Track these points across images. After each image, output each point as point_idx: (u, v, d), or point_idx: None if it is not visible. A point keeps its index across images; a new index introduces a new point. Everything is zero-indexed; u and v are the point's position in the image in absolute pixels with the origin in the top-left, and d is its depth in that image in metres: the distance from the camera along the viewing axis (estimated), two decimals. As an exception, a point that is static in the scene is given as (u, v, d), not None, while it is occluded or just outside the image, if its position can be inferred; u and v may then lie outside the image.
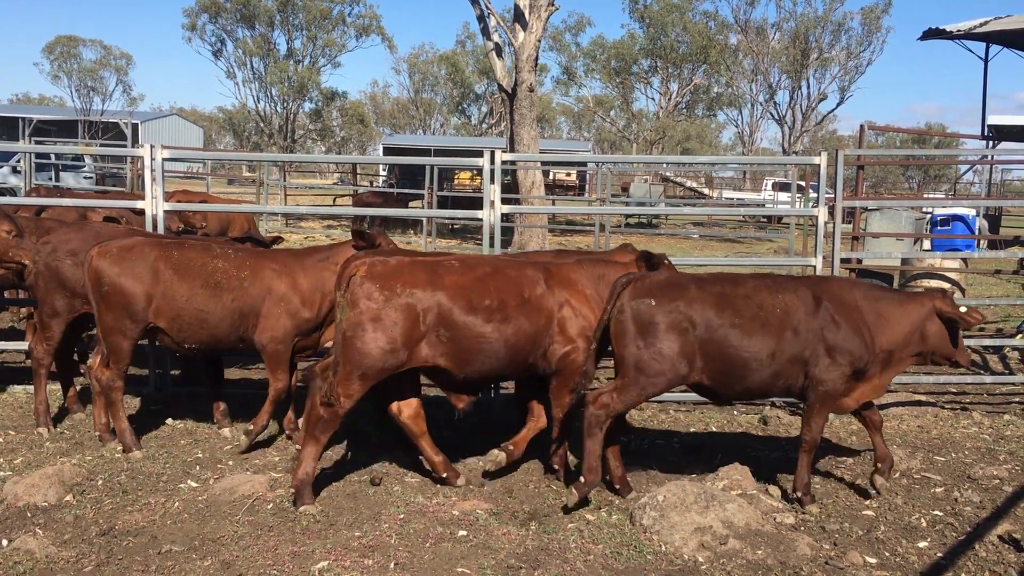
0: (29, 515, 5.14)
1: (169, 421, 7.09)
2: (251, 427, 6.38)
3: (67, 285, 6.72)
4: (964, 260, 11.46)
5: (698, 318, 5.24)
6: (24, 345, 8.55)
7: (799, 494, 5.56)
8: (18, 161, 22.87)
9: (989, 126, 22.67)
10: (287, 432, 6.69)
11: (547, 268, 5.82)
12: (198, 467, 6.04)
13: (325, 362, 5.60)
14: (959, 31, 21.58)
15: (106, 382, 6.22)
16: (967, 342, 9.19)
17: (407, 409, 5.77)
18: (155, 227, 7.84)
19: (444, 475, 5.78)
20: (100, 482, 5.66)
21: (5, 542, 4.73)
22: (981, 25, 21.14)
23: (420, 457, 5.93)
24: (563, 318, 5.62)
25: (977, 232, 14.23)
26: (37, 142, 25.75)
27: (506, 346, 5.47)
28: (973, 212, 14.38)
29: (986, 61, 23.81)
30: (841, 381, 5.37)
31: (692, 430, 7.30)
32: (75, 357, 7.84)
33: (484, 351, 5.45)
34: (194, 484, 5.71)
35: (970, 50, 23.99)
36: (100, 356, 6.36)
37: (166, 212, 7.91)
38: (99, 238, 6.77)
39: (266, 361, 6.43)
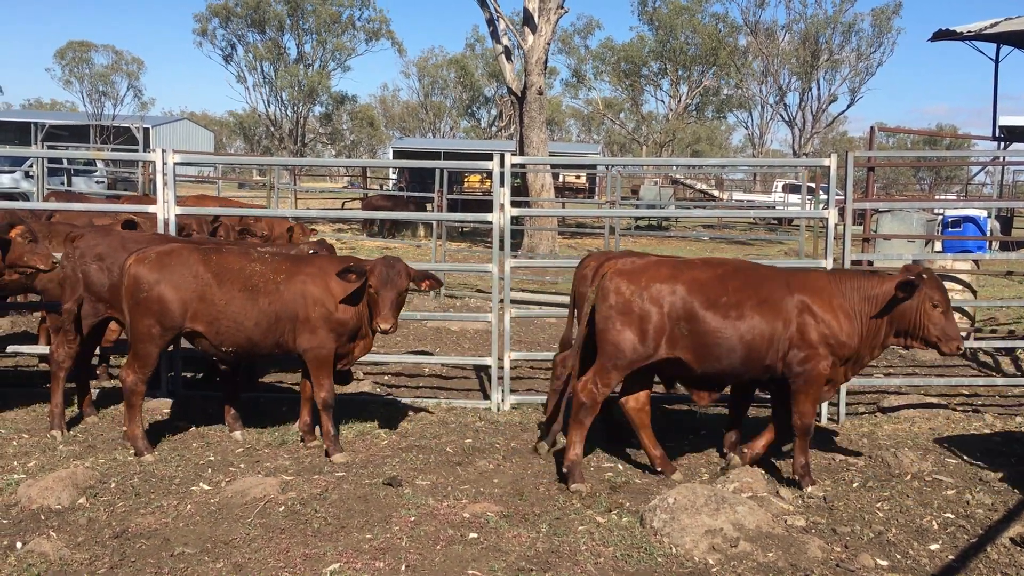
0: (43, 518, 5.17)
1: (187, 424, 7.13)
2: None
3: (92, 289, 6.76)
4: (976, 262, 11.42)
5: None
6: (38, 349, 8.62)
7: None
8: (31, 166, 23.02)
9: (1000, 127, 22.60)
10: (300, 435, 6.71)
11: (791, 272, 6.10)
12: (210, 470, 6.07)
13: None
14: (969, 32, 21.52)
15: (129, 386, 6.25)
16: (979, 344, 9.23)
17: (634, 401, 6.09)
18: (166, 231, 7.88)
19: (660, 469, 6.12)
20: (113, 485, 5.70)
21: (19, 544, 4.76)
22: (992, 26, 21.07)
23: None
24: (803, 323, 5.76)
25: (989, 233, 14.19)
26: (49, 147, 25.97)
27: (742, 343, 5.72)
28: (985, 213, 14.33)
29: (997, 62, 23.74)
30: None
31: (702, 431, 7.29)
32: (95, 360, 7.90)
33: (720, 347, 5.73)
34: (206, 487, 5.73)
35: (981, 51, 23.92)
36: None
37: (177, 216, 7.95)
38: (125, 243, 6.82)
39: (309, 367, 6.42)
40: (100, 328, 7.18)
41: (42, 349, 8.66)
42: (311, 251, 7.59)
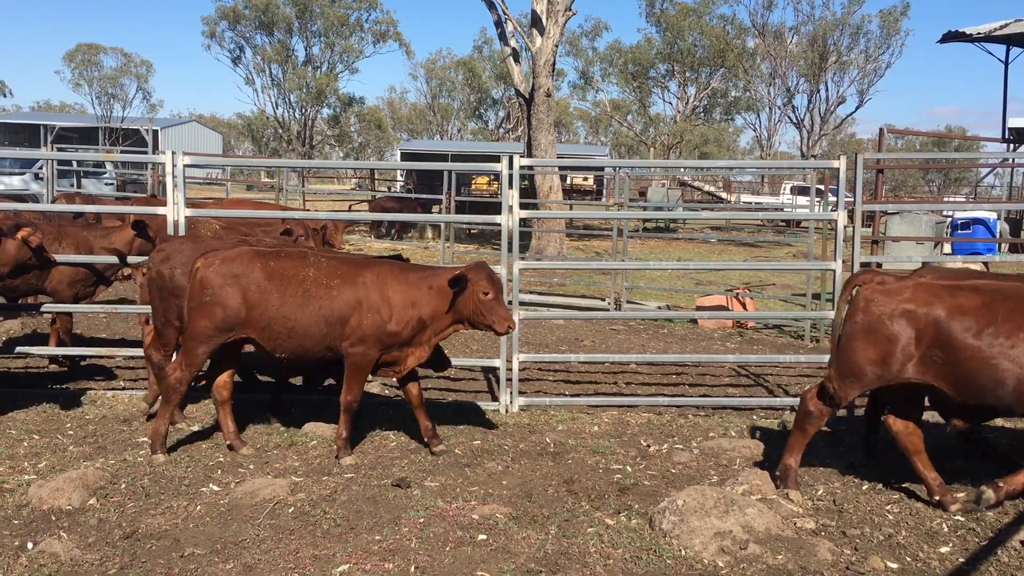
0: (54, 518, 5.20)
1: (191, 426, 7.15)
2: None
3: (179, 293, 6.79)
4: (985, 263, 11.38)
5: None
6: (48, 351, 8.66)
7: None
8: (40, 168, 23.12)
9: (1010, 129, 22.55)
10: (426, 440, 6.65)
11: None
12: (219, 471, 6.09)
13: None
14: (979, 34, 21.48)
15: (172, 383, 6.26)
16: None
17: (902, 424, 5.73)
18: (176, 232, 7.91)
19: (937, 496, 5.61)
20: (123, 486, 5.72)
21: (30, 545, 4.78)
22: (1001, 28, 21.04)
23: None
24: None
25: (998, 235, 14.15)
26: (59, 149, 26.06)
27: (1013, 377, 5.21)
28: (994, 215, 14.30)
29: (1007, 64, 23.69)
30: None
31: (711, 435, 7.28)
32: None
33: (983, 379, 5.28)
34: (216, 488, 5.75)
35: (990, 52, 23.87)
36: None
37: (187, 217, 7.98)
38: (210, 247, 6.87)
39: (345, 367, 6.36)
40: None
41: (51, 350, 8.71)
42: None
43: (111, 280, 9.20)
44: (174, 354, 6.84)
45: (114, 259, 8.11)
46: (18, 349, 8.55)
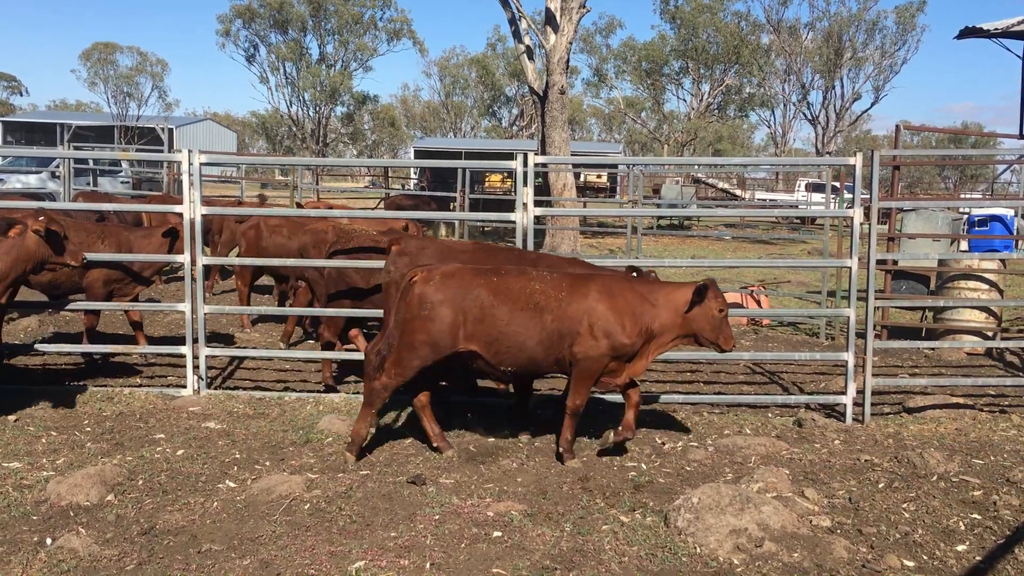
0: (72, 514, 5.24)
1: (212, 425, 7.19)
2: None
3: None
4: (1002, 261, 11.30)
5: None
6: (66, 348, 8.72)
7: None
8: (57, 166, 23.26)
9: (1028, 125, 22.32)
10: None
11: None
12: (236, 467, 6.12)
13: None
14: (996, 29, 21.29)
15: (377, 388, 6.23)
16: (1006, 344, 9.12)
17: None
18: (192, 230, 7.96)
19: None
20: (141, 482, 5.75)
21: (49, 540, 4.82)
22: (1019, 23, 20.84)
23: None
24: None
25: (1016, 233, 14.04)
26: (75, 147, 26.21)
27: None
28: (1012, 212, 14.18)
29: (1024, 59, 23.45)
30: None
31: (726, 432, 7.27)
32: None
33: None
34: (232, 484, 5.78)
35: (1008, 48, 23.66)
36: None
37: (203, 216, 8.02)
38: (450, 253, 6.95)
39: (574, 377, 6.31)
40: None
41: (67, 348, 8.76)
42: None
43: (150, 280, 9.33)
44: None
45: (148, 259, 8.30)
46: (38, 346, 8.61)
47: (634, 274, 6.66)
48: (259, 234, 10.59)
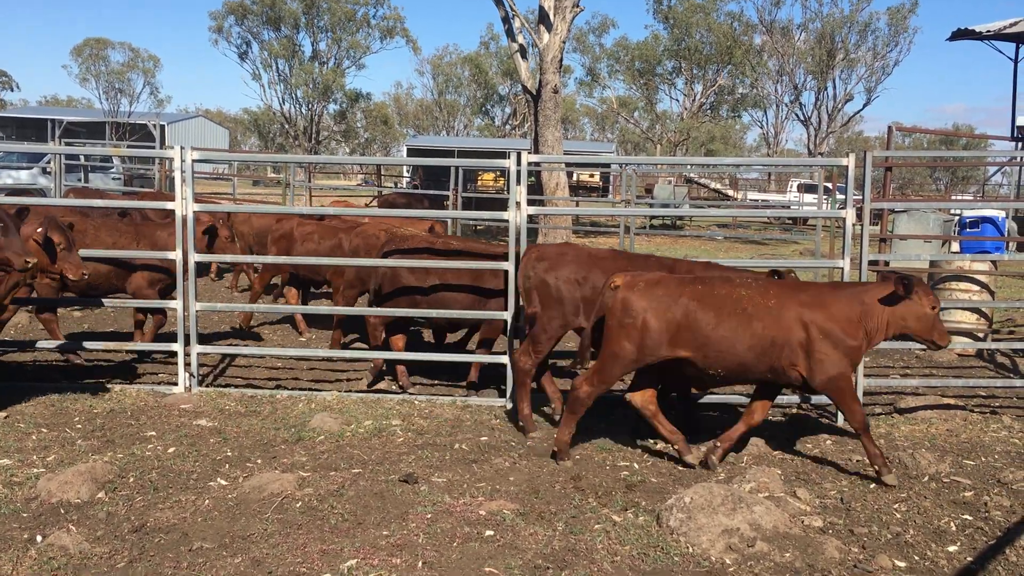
0: (62, 511, 5.22)
1: (203, 422, 7.17)
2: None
3: (565, 302, 6.85)
4: (993, 262, 11.34)
5: None
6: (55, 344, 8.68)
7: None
8: (48, 162, 23.17)
9: (1018, 127, 22.46)
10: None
11: None
12: (227, 465, 6.10)
13: None
14: (989, 31, 21.40)
15: (581, 396, 6.22)
16: (997, 345, 9.17)
17: None
18: (184, 227, 7.93)
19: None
20: (132, 479, 5.73)
21: (40, 538, 4.80)
22: (1011, 25, 20.95)
23: None
24: None
25: (1006, 234, 14.09)
26: (66, 143, 26.08)
27: None
28: (1003, 214, 14.24)
29: (1016, 62, 23.59)
30: None
31: (718, 432, 7.27)
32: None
33: None
34: (224, 482, 5.77)
35: (999, 51, 23.80)
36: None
37: (196, 213, 7.99)
38: (590, 259, 6.96)
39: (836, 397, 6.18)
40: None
41: (48, 344, 8.72)
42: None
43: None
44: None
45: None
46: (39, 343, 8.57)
47: (776, 277, 6.69)
48: (290, 243, 10.50)
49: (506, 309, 7.90)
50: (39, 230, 6.95)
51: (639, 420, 6.62)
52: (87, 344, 8.67)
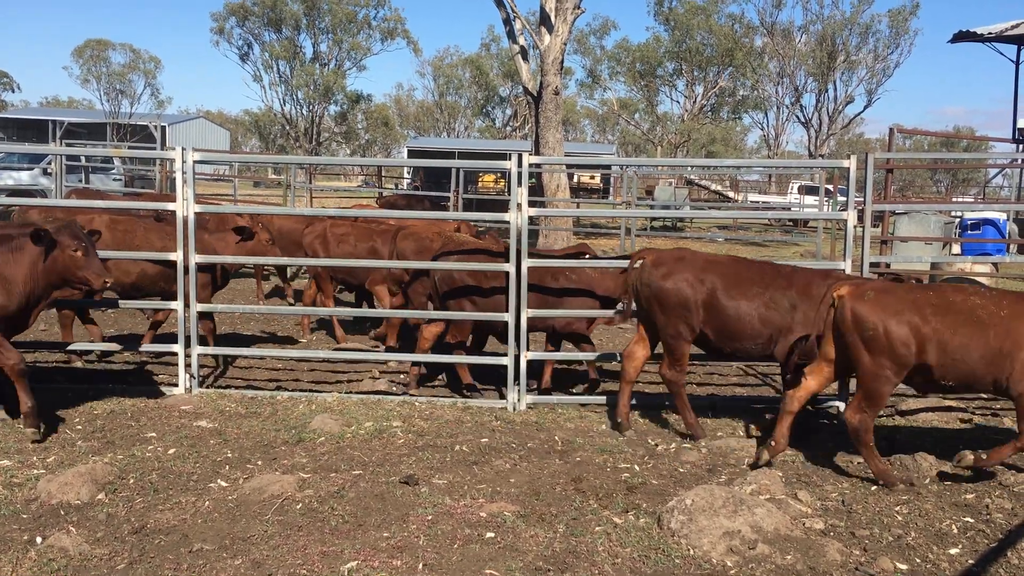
0: (62, 513, 5.21)
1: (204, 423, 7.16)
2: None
3: (688, 306, 6.83)
4: (995, 264, 11.33)
5: None
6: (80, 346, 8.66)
7: None
8: (49, 163, 23.17)
9: (1019, 129, 22.44)
10: None
11: None
12: (227, 467, 6.09)
13: None
14: (990, 34, 21.40)
15: (855, 425, 6.07)
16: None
17: None
18: (185, 228, 7.93)
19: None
20: (132, 481, 5.73)
21: (39, 539, 4.79)
22: (1013, 27, 20.95)
23: None
24: None
25: (1007, 236, 14.09)
26: (67, 144, 26.11)
27: None
28: (1004, 216, 14.24)
29: (1017, 64, 23.58)
30: None
31: (719, 434, 7.27)
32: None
33: None
34: (224, 484, 5.76)
35: (1001, 53, 23.78)
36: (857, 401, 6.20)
37: (197, 214, 7.99)
38: (707, 265, 6.94)
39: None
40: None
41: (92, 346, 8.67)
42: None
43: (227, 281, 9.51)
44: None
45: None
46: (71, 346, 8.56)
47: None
48: (326, 244, 10.47)
49: (506, 310, 7.90)
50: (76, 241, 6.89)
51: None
52: (88, 345, 8.68)
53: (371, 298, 10.70)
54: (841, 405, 7.72)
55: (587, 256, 8.57)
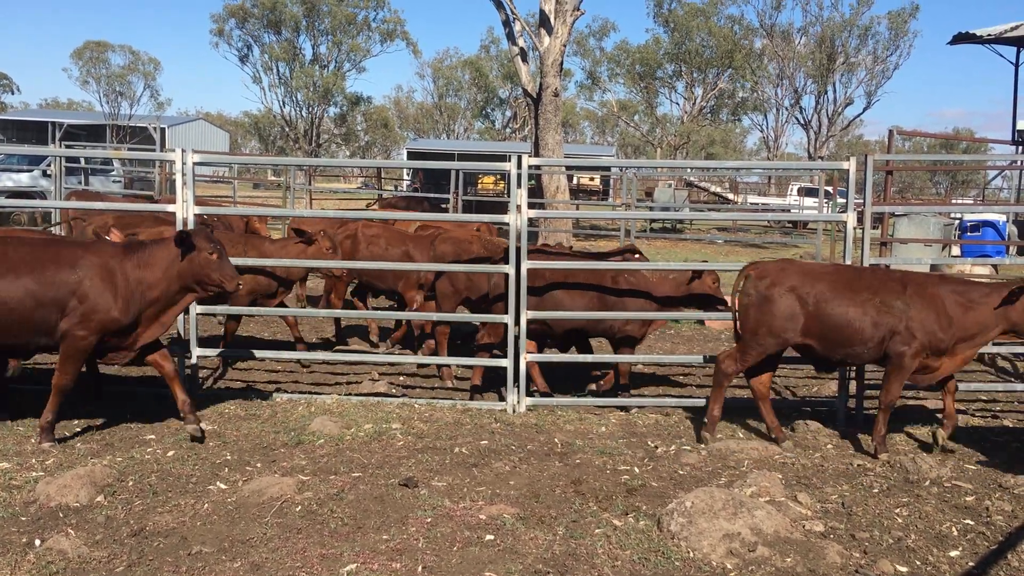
0: (61, 515, 5.20)
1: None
2: None
3: (785, 319, 6.79)
4: (994, 266, 11.33)
5: None
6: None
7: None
8: (49, 165, 23.16)
9: (1019, 131, 22.43)
10: None
11: None
12: (227, 469, 6.08)
13: None
14: (990, 35, 21.41)
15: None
16: (998, 349, 9.12)
17: None
18: (185, 228, 7.91)
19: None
20: (131, 483, 5.72)
21: (38, 542, 4.78)
22: (1012, 29, 20.95)
23: None
24: None
25: (1007, 238, 14.09)
26: (67, 146, 26.09)
27: None
28: (1003, 218, 14.24)
29: (1017, 65, 23.58)
30: None
31: (719, 436, 7.26)
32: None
33: None
34: (223, 486, 5.75)
35: (1000, 54, 23.78)
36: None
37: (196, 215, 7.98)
38: (812, 274, 6.91)
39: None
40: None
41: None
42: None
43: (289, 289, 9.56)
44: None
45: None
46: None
47: None
48: (356, 246, 10.41)
49: (506, 312, 7.89)
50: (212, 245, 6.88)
51: None
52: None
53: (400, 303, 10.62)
54: (838, 405, 7.73)
55: (636, 257, 8.55)
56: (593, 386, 8.76)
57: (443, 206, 22.73)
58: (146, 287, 6.54)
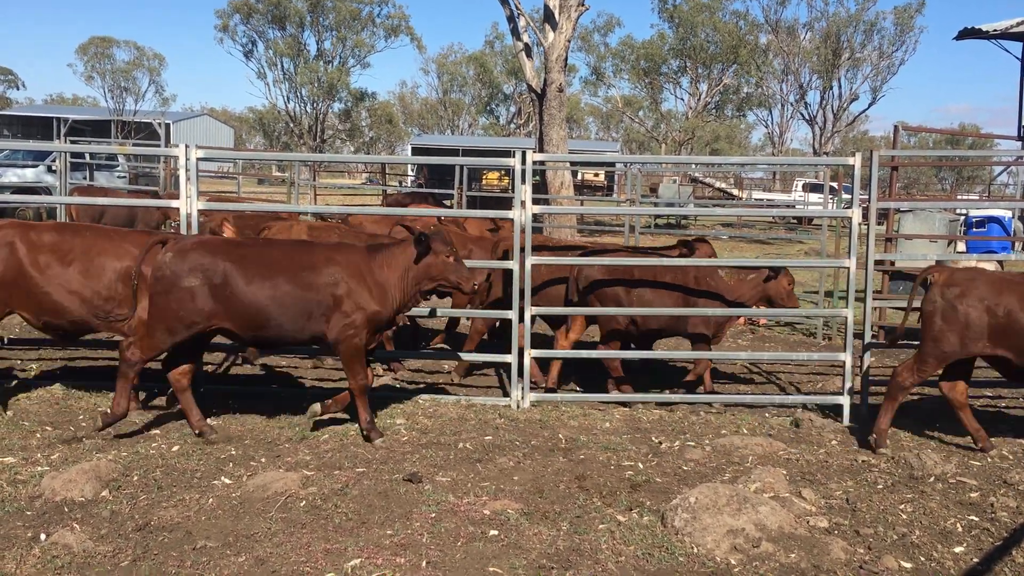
0: (66, 510, 5.21)
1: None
2: None
3: (970, 329, 6.62)
4: (1000, 262, 11.30)
5: None
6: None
7: None
8: (53, 160, 23.19)
9: (1024, 127, 22.34)
10: None
11: None
12: (231, 464, 6.09)
13: None
14: (995, 31, 21.32)
15: None
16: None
17: None
18: (188, 225, 7.92)
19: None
20: (136, 478, 5.73)
21: (43, 536, 4.80)
22: (1018, 24, 20.87)
23: None
24: None
25: (1013, 234, 14.05)
26: (72, 142, 26.12)
27: None
28: (1009, 214, 14.20)
29: (1023, 61, 23.47)
30: None
31: (723, 432, 7.26)
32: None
33: None
34: (228, 481, 5.76)
35: (1006, 50, 23.68)
36: None
37: (200, 211, 7.99)
38: (1003, 284, 6.70)
39: None
40: None
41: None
42: None
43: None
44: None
45: None
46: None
47: None
48: None
49: (510, 308, 7.89)
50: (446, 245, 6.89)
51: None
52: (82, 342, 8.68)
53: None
54: (843, 401, 7.73)
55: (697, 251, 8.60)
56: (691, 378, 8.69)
57: (446, 203, 22.70)
58: (390, 287, 6.69)
